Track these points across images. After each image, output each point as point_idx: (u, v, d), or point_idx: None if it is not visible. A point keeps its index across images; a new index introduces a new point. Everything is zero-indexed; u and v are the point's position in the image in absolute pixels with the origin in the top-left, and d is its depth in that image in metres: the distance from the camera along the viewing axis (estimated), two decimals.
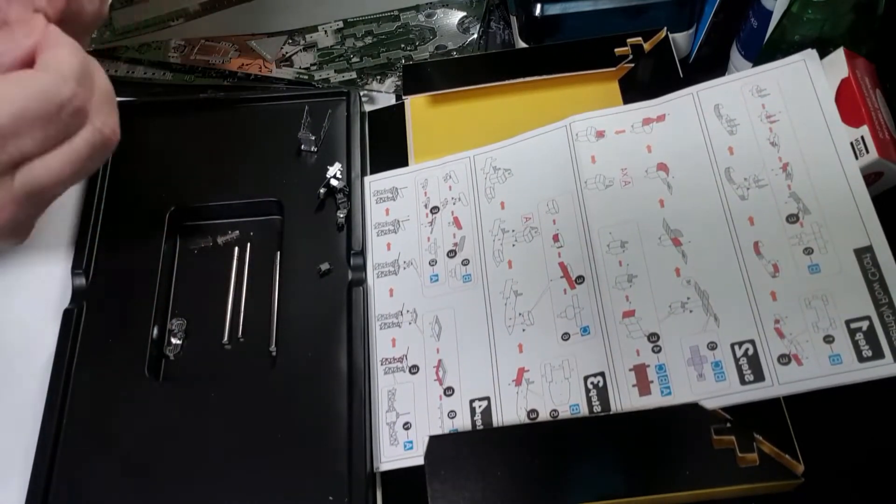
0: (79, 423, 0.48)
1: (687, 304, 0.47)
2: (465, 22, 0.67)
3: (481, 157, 0.56)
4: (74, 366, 0.50)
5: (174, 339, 0.52)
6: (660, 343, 0.46)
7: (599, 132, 0.53)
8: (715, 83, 0.52)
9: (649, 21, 0.60)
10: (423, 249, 0.53)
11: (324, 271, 0.52)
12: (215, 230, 0.56)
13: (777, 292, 0.45)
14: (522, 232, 0.52)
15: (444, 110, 0.59)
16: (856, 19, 0.51)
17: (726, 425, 0.44)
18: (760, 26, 0.57)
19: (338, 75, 0.64)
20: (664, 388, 0.45)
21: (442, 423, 0.48)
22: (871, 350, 0.43)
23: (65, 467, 0.47)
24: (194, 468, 0.47)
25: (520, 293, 0.50)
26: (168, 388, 0.50)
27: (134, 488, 0.46)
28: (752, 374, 0.44)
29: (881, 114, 0.49)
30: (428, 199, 0.55)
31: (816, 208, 0.46)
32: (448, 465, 0.46)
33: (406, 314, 0.52)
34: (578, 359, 0.47)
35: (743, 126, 0.50)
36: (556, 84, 0.58)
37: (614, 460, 0.44)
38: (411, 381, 0.50)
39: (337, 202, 0.55)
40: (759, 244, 0.47)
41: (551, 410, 0.47)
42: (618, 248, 0.49)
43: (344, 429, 0.47)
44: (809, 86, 0.49)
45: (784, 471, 0.43)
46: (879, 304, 0.43)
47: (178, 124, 0.59)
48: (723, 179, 0.49)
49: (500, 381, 0.48)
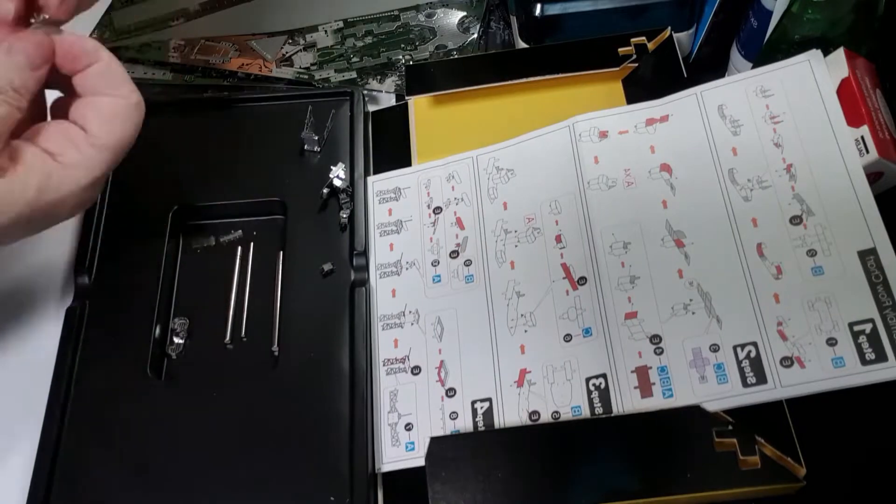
0: (81, 422, 0.48)
1: (689, 305, 0.47)
2: (465, 22, 0.66)
3: (484, 157, 0.55)
4: (77, 364, 0.50)
5: (176, 338, 0.52)
6: (662, 345, 0.46)
7: (602, 132, 0.53)
8: (719, 83, 0.52)
9: (649, 21, 0.60)
10: (425, 250, 0.53)
11: (326, 271, 0.52)
12: (218, 230, 0.56)
13: (780, 294, 0.45)
14: (525, 232, 0.52)
15: (447, 110, 0.59)
16: (856, 19, 0.51)
17: (728, 428, 0.44)
18: (760, 26, 0.57)
19: (338, 75, 0.64)
20: (666, 391, 0.45)
21: (444, 424, 0.48)
22: (875, 353, 0.42)
23: (66, 465, 0.47)
24: (195, 467, 0.47)
25: (522, 294, 0.50)
26: (170, 388, 0.50)
27: (135, 486, 0.46)
28: (755, 376, 0.44)
29: (881, 114, 0.49)
30: (431, 199, 0.55)
31: (820, 210, 0.46)
32: (449, 466, 0.45)
33: (408, 315, 0.52)
34: (580, 360, 0.47)
35: (747, 127, 0.50)
36: (560, 84, 0.58)
37: (616, 462, 0.44)
38: (413, 381, 0.49)
39: (340, 202, 0.54)
40: (763, 246, 0.47)
41: (553, 412, 0.47)
42: (620, 250, 0.49)
43: (346, 429, 0.47)
44: (814, 86, 0.49)
45: (786, 474, 0.43)
46: (883, 306, 0.43)
47: (181, 124, 0.59)
48: (726, 180, 0.49)
49: (501, 383, 0.48)
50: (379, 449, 0.48)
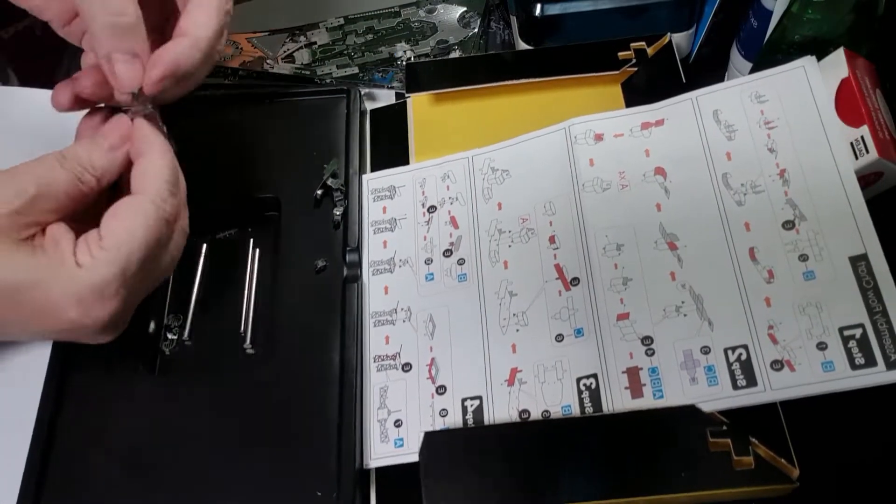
0: (73, 417, 0.49)
1: (681, 308, 0.47)
2: (465, 17, 0.66)
3: (480, 157, 0.56)
4: (70, 360, 0.50)
5: (170, 334, 0.52)
6: (653, 346, 0.46)
7: (598, 135, 0.53)
8: (714, 88, 0.52)
9: (649, 21, 0.60)
10: (419, 248, 0.54)
11: (319, 268, 0.52)
12: (212, 226, 0.56)
13: (771, 298, 0.45)
14: (519, 233, 0.52)
15: (446, 109, 0.59)
16: (856, 19, 0.50)
17: (722, 428, 0.44)
18: (760, 26, 0.57)
19: (339, 70, 0.64)
20: (656, 391, 0.45)
21: (433, 421, 0.48)
22: (864, 358, 0.42)
23: (58, 462, 0.47)
24: (185, 462, 0.47)
25: (514, 294, 0.50)
26: (163, 384, 0.50)
27: (126, 482, 0.47)
28: (745, 379, 0.44)
29: (881, 114, 0.49)
30: (425, 198, 0.55)
31: (812, 215, 0.46)
32: (442, 461, 0.46)
33: (400, 312, 0.52)
34: (571, 360, 0.48)
35: (741, 132, 0.50)
36: (560, 86, 0.58)
37: (609, 460, 0.44)
38: (404, 378, 0.50)
39: (334, 200, 0.55)
40: (755, 250, 0.47)
41: (543, 411, 0.47)
42: (614, 251, 0.49)
43: (334, 425, 0.47)
44: (808, 92, 0.49)
45: (779, 474, 0.43)
46: (873, 312, 0.43)
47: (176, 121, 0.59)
48: (720, 185, 0.49)
49: (492, 381, 0.48)
50: (368, 445, 0.48)
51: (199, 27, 0.45)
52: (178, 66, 0.44)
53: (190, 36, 0.44)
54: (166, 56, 0.44)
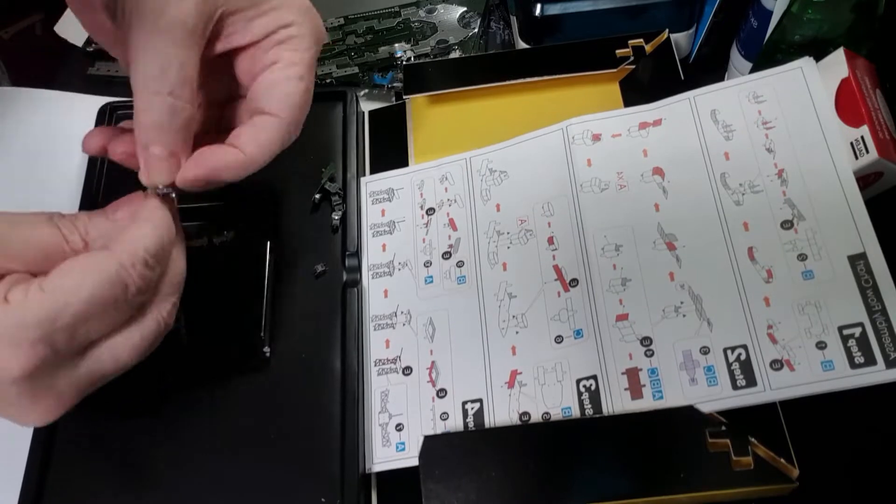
0: (71, 420, 0.48)
1: (680, 308, 0.47)
2: (465, 17, 0.66)
3: (477, 158, 0.56)
4: None
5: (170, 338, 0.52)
6: (652, 347, 0.46)
7: (595, 135, 0.53)
8: (712, 88, 0.52)
9: (649, 21, 0.60)
10: (418, 251, 0.54)
11: (319, 272, 0.53)
12: (210, 230, 0.55)
13: (770, 298, 0.45)
14: (517, 234, 0.52)
15: (445, 110, 0.59)
16: (856, 19, 0.50)
17: (721, 428, 0.44)
18: (760, 26, 0.56)
19: (339, 70, 0.64)
20: (656, 392, 0.45)
21: (434, 424, 0.48)
22: (864, 357, 0.42)
23: (58, 464, 0.47)
24: (186, 467, 0.47)
25: (514, 295, 0.50)
26: (163, 389, 0.50)
27: (126, 486, 0.47)
28: (745, 379, 0.44)
29: (881, 114, 0.49)
30: (424, 200, 0.55)
31: (811, 215, 0.46)
32: (442, 464, 0.46)
33: (400, 315, 0.52)
34: (571, 362, 0.48)
35: (739, 132, 0.50)
36: (558, 85, 0.58)
37: (609, 462, 0.45)
38: (404, 382, 0.50)
39: (332, 203, 0.55)
40: (754, 249, 0.47)
41: (543, 413, 0.47)
42: (612, 252, 0.49)
43: (336, 429, 0.47)
44: (806, 93, 0.49)
45: (779, 475, 0.43)
46: (872, 311, 0.43)
47: None
48: (718, 184, 0.49)
49: (492, 384, 0.48)
50: (369, 449, 0.48)
51: (259, 148, 0.42)
52: (219, 177, 0.41)
53: (245, 154, 0.42)
54: (211, 161, 0.41)
